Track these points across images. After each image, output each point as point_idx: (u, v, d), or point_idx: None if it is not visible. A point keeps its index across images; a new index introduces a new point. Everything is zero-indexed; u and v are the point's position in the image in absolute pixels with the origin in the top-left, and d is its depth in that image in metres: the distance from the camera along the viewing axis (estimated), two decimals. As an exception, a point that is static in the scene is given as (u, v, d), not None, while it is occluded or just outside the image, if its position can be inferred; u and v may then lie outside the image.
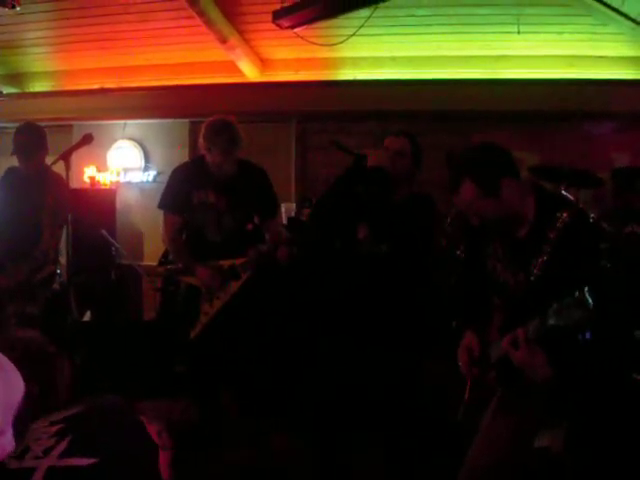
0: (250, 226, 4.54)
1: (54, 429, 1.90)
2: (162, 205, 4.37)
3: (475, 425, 2.73)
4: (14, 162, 4.60)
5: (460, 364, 2.81)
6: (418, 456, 3.72)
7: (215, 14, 6.05)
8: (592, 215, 2.72)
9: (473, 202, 2.62)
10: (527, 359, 2.31)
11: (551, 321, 2.15)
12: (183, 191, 4.27)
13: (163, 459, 1.98)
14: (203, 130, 4.19)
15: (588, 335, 2.17)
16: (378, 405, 3.81)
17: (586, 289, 2.04)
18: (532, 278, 2.55)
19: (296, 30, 5.70)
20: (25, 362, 2.03)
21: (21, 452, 1.84)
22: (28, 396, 1.91)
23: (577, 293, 2.06)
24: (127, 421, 2.03)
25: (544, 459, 2.79)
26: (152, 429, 2.01)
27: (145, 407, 2.14)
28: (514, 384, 2.50)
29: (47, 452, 1.82)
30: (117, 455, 1.87)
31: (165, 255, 6.44)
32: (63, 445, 1.84)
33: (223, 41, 6.39)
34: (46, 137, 4.59)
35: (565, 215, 2.51)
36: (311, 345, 4.12)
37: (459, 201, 2.68)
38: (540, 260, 2.52)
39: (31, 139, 4.50)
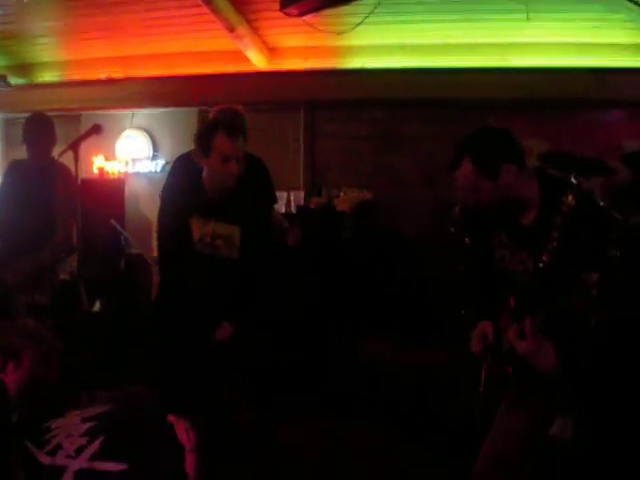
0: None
1: (86, 427, 1.91)
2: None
3: (491, 415, 2.72)
4: (23, 151, 4.61)
5: (474, 352, 2.80)
6: (432, 448, 3.73)
7: (222, 3, 6.02)
8: (602, 204, 2.68)
9: (470, 182, 2.61)
10: (533, 350, 2.29)
11: (558, 309, 2.13)
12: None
13: (190, 461, 1.98)
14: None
15: (595, 322, 2.14)
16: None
17: (594, 275, 2.02)
18: (541, 265, 2.54)
19: (304, 18, 5.69)
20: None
21: (54, 448, 1.85)
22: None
23: (584, 279, 2.04)
24: (157, 422, 2.03)
25: (551, 448, 2.78)
26: (180, 427, 2.00)
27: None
28: (527, 374, 2.49)
29: (79, 451, 1.83)
30: (146, 461, 1.87)
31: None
32: (95, 446, 1.85)
33: (231, 30, 6.37)
34: (55, 128, 4.60)
35: (570, 198, 2.48)
36: (318, 332, 4.11)
37: (458, 180, 2.67)
38: (549, 246, 2.50)
39: (41, 129, 4.52)
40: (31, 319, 4.21)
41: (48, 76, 8.01)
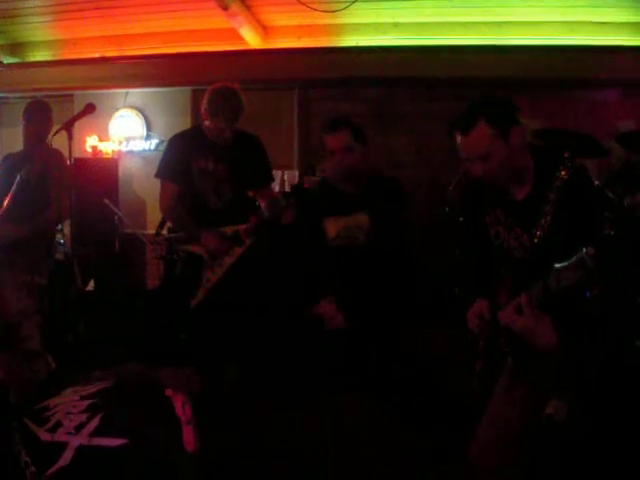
0: (252, 193, 4.56)
1: (85, 404, 1.93)
2: (160, 174, 4.33)
3: (488, 394, 2.73)
4: (15, 132, 4.61)
5: (471, 329, 2.81)
6: (428, 427, 3.74)
7: (216, -20, 5.99)
8: (596, 183, 2.69)
9: (482, 146, 2.60)
10: (530, 326, 2.29)
11: (553, 284, 2.13)
12: (182, 159, 4.24)
13: (188, 434, 1.99)
14: (207, 96, 4.15)
15: (589, 295, 2.14)
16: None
17: (586, 249, 2.02)
18: (536, 240, 2.55)
19: (298, -4, 5.67)
20: None
21: (53, 426, 1.87)
22: None
23: (578, 253, 2.04)
24: (155, 398, 2.05)
25: (547, 427, 2.80)
26: (176, 401, 2.02)
27: (167, 375, 2.16)
28: (524, 352, 2.49)
29: (79, 428, 1.85)
30: (145, 435, 1.89)
31: (161, 225, 6.45)
32: (95, 423, 1.87)
33: (225, 8, 6.32)
34: (52, 115, 4.64)
35: (563, 173, 2.50)
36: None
37: (467, 146, 2.67)
38: (543, 221, 2.51)
39: (40, 109, 4.54)
40: (30, 299, 4.26)
41: (41, 55, 7.93)
